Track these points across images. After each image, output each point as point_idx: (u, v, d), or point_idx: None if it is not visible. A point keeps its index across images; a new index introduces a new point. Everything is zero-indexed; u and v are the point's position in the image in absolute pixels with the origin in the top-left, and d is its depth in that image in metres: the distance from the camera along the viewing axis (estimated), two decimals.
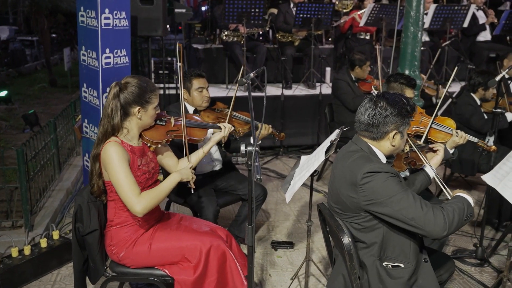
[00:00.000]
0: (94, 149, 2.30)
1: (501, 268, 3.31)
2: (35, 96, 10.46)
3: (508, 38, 6.96)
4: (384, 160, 2.09)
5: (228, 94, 6.06)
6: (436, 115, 2.91)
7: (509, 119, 4.08)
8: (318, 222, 2.46)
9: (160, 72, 6.56)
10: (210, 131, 2.82)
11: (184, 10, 6.19)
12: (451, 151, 2.86)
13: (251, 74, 2.45)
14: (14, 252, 3.10)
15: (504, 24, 6.51)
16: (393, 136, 2.04)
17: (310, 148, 6.17)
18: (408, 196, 1.89)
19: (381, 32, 6.79)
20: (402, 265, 2.03)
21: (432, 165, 2.41)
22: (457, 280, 3.28)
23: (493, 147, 3.01)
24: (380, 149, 2.08)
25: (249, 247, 2.06)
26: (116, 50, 3.64)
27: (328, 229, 2.34)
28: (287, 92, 6.17)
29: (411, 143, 2.36)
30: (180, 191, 3.32)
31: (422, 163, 2.43)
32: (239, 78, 3.06)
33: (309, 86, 6.48)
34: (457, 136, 2.82)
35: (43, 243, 3.25)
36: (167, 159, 2.64)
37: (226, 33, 6.40)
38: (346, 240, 1.99)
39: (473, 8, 6.51)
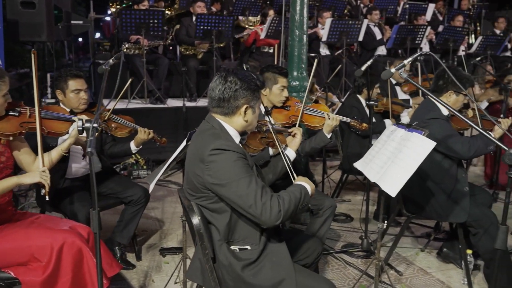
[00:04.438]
0: None
1: (387, 258, 3.38)
2: None
3: (400, 51, 7.43)
4: (237, 137, 2.05)
5: (128, 106, 5.88)
6: (306, 102, 3.00)
7: (388, 125, 4.28)
8: None
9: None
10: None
11: (81, 22, 5.99)
12: (328, 136, 2.94)
13: (110, 61, 2.36)
14: None
15: (395, 38, 6.95)
16: (245, 111, 2.01)
17: None
18: (250, 182, 1.85)
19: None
20: (249, 247, 1.98)
21: (290, 147, 2.44)
22: (343, 272, 3.31)
23: (365, 124, 3.12)
24: (233, 125, 2.04)
25: (95, 234, 1.91)
26: None
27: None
28: (191, 104, 6.11)
29: (268, 124, 2.36)
30: (53, 199, 3.09)
31: (281, 144, 2.43)
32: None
33: None
34: (329, 118, 2.90)
35: None
36: (24, 156, 2.42)
37: (127, 45, 6.24)
38: (196, 220, 1.91)
39: (366, 23, 6.89)
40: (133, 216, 3.27)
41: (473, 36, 9.48)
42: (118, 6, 7.84)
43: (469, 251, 3.08)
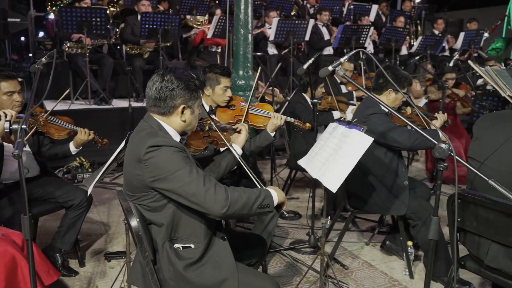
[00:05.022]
0: None
1: (332, 252, 3.44)
2: None
3: (345, 50, 7.61)
4: (177, 136, 2.02)
5: (71, 107, 5.68)
6: (252, 100, 3.00)
7: (336, 117, 4.38)
8: None
9: None
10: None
11: (18, 20, 5.72)
12: (272, 134, 2.94)
13: (43, 59, 2.27)
14: None
15: (340, 38, 7.12)
16: (182, 111, 1.97)
17: None
18: (191, 171, 1.82)
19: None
20: (192, 246, 1.96)
21: (236, 144, 2.41)
22: (291, 268, 3.34)
23: (308, 124, 3.17)
24: (171, 125, 2.00)
25: (27, 241, 1.82)
26: None
27: None
28: (137, 104, 5.99)
29: (212, 122, 2.34)
30: None
31: (224, 142, 2.41)
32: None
33: None
34: (274, 118, 2.90)
35: None
36: None
37: (68, 44, 6.03)
38: (134, 222, 1.86)
39: (312, 23, 7.02)
40: (75, 221, 3.15)
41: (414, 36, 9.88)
42: (54, 8, 7.55)
43: (409, 243, 3.20)
